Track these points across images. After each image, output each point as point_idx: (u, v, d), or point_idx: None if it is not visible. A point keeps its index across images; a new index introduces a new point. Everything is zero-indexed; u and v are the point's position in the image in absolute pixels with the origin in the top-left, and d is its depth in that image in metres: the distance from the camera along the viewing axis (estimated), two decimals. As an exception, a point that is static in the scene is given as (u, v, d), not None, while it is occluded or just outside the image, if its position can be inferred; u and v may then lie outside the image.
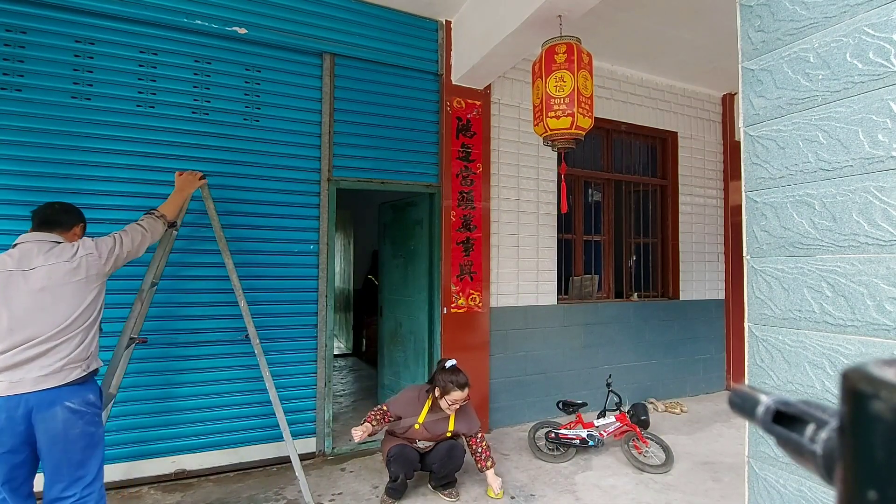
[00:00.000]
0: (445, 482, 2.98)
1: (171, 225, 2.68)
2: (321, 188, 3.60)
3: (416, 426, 2.84)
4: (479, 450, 2.94)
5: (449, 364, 2.90)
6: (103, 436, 2.15)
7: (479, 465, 2.94)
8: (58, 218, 2.14)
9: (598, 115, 3.93)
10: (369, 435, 2.76)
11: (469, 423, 2.95)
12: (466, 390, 2.83)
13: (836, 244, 1.40)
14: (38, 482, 2.00)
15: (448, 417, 2.89)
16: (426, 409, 2.87)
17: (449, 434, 2.92)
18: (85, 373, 2.01)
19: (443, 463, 2.88)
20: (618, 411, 3.69)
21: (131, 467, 3.08)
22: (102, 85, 3.06)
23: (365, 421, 2.80)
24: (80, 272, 2.02)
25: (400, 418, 2.88)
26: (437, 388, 2.84)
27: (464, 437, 2.99)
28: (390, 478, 2.88)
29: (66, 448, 1.95)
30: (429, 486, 3.05)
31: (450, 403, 2.82)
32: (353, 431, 2.71)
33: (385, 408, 2.89)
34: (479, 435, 2.97)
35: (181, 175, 2.72)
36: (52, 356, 1.93)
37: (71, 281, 2.01)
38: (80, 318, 2.01)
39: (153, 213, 2.43)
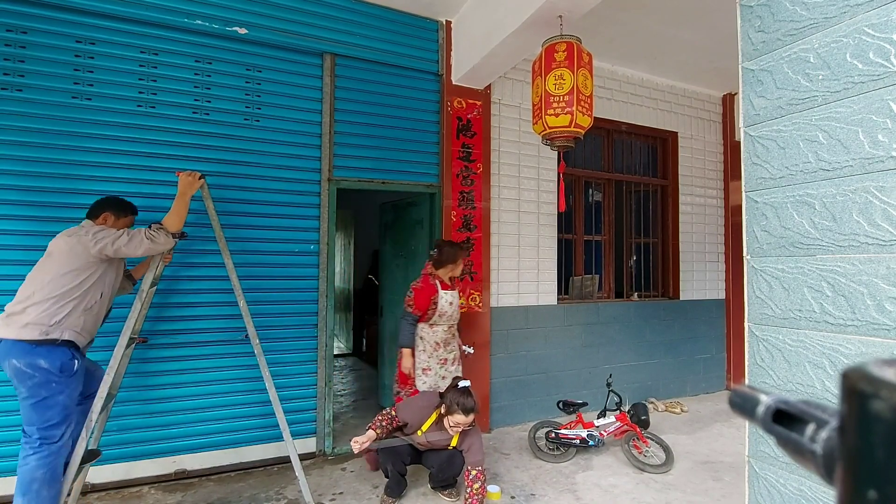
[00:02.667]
0: (444, 483, 2.97)
1: (180, 236, 2.69)
2: (321, 188, 3.60)
3: (419, 433, 2.82)
4: (468, 489, 2.66)
5: (462, 384, 2.75)
6: (61, 403, 2.27)
7: None
8: (91, 209, 2.53)
9: (598, 115, 3.93)
10: (374, 442, 2.66)
11: (472, 452, 2.75)
12: (471, 416, 2.68)
13: (836, 244, 1.40)
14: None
15: (451, 436, 2.80)
16: (431, 420, 2.80)
17: (451, 447, 2.83)
18: (41, 337, 2.20)
19: (441, 468, 2.86)
20: (618, 411, 3.69)
21: (132, 467, 3.08)
22: (103, 85, 3.06)
23: (369, 428, 2.69)
24: (69, 247, 2.31)
25: (406, 424, 2.84)
26: (444, 405, 2.74)
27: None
28: (381, 469, 2.86)
29: (19, 395, 2.24)
30: (428, 485, 3.05)
31: (452, 425, 2.69)
32: (352, 443, 2.56)
33: (394, 412, 2.80)
34: (475, 472, 2.67)
35: (181, 175, 2.72)
36: (21, 315, 2.22)
37: (60, 252, 2.31)
38: (53, 284, 2.25)
39: (156, 225, 2.53)
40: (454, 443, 2.82)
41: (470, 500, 2.64)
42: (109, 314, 2.63)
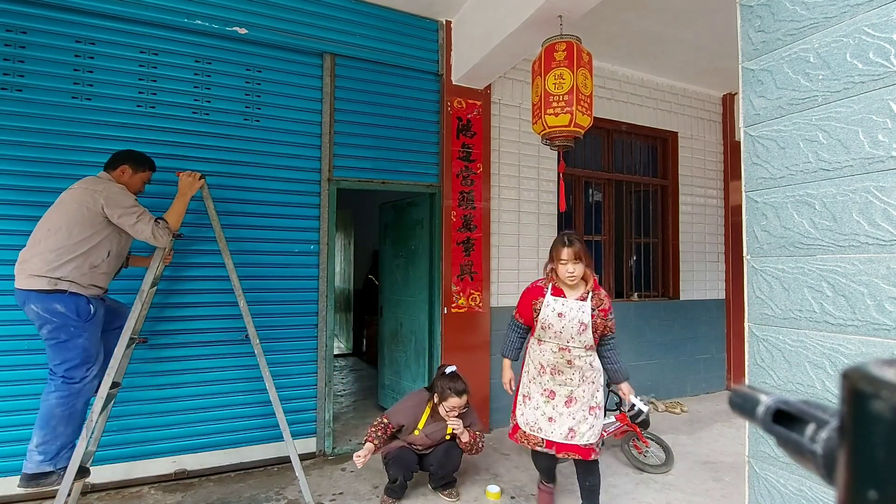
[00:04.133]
0: (444, 482, 2.97)
1: (177, 236, 2.72)
2: (321, 188, 3.60)
3: (416, 432, 2.83)
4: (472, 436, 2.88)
5: (448, 370, 2.85)
6: (80, 346, 2.35)
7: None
8: (110, 161, 2.56)
9: (598, 115, 3.93)
10: (373, 453, 2.70)
11: (473, 424, 2.91)
12: (465, 397, 2.78)
13: (836, 244, 1.40)
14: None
15: (447, 424, 2.85)
16: (425, 415, 2.84)
17: (447, 438, 2.88)
18: (50, 287, 2.26)
19: (440, 464, 2.87)
20: (618, 411, 3.69)
21: (132, 467, 3.08)
22: (103, 85, 3.06)
23: (366, 440, 2.74)
24: (84, 200, 2.33)
25: (402, 427, 2.85)
26: (436, 395, 2.81)
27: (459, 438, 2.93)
28: (389, 479, 2.88)
29: (42, 338, 2.32)
30: (429, 486, 3.05)
31: (448, 410, 2.78)
32: (355, 458, 2.64)
33: (386, 420, 2.83)
34: (477, 432, 2.91)
35: (182, 176, 2.73)
36: (29, 264, 2.27)
37: (72, 204, 2.32)
38: (57, 236, 2.27)
39: (163, 223, 2.55)
40: (449, 431, 2.85)
41: (472, 436, 2.84)
42: (121, 272, 2.69)
